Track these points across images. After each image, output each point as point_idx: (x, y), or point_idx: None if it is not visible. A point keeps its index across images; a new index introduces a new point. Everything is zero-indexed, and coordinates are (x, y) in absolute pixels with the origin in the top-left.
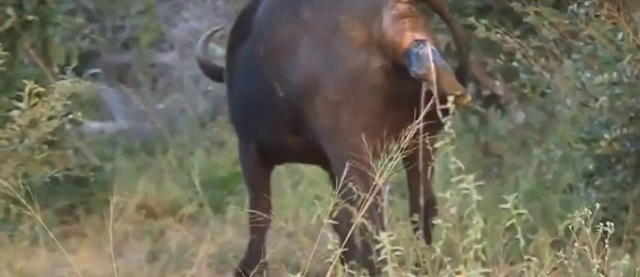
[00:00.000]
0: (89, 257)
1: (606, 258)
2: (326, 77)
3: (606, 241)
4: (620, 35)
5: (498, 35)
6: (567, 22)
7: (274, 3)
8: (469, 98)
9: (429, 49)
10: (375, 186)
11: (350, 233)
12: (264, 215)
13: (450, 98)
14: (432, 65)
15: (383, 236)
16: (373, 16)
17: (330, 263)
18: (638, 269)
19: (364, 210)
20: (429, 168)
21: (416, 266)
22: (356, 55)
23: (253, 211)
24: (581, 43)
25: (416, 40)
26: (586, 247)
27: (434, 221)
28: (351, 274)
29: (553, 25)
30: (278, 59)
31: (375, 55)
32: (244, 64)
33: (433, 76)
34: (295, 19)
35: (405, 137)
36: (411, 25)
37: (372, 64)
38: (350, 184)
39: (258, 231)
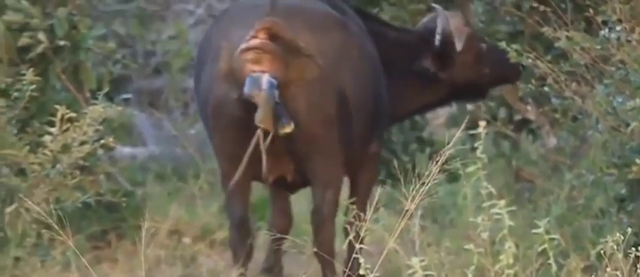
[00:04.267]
0: None
1: None
2: (208, 100)
3: (638, 266)
4: None
5: (530, 60)
6: (599, 47)
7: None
8: (287, 129)
9: (263, 78)
10: (406, 211)
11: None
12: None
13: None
14: (261, 91)
15: (415, 261)
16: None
17: None
18: None
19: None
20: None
21: None
22: (220, 85)
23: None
24: (613, 68)
25: (253, 71)
26: (618, 272)
27: (466, 247)
28: None
29: (584, 49)
30: (199, 78)
31: (233, 86)
32: None
33: (259, 99)
34: (208, 40)
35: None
36: (254, 58)
37: (231, 95)
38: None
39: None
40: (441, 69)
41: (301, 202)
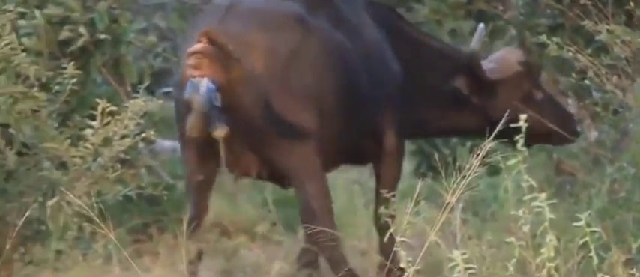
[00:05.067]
0: (163, 275)
1: None
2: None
3: None
4: None
5: (570, 53)
6: (639, 39)
7: None
8: (220, 133)
9: (201, 82)
10: (447, 204)
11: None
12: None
13: None
14: (199, 95)
15: (456, 254)
16: None
17: None
18: None
19: (436, 229)
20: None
21: None
22: (179, 89)
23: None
24: None
25: (193, 75)
26: None
27: (507, 240)
28: None
29: (625, 43)
30: None
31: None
32: None
33: (196, 103)
34: None
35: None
36: (195, 63)
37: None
38: None
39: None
40: (474, 94)
41: (342, 195)
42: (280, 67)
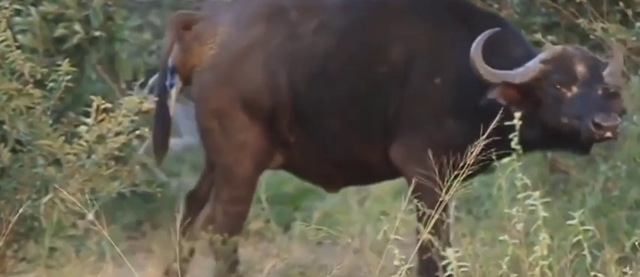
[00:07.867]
0: (156, 273)
1: None
2: None
3: None
4: None
5: None
6: (634, 38)
7: None
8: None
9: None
10: (441, 202)
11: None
12: None
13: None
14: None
15: (449, 252)
16: None
17: None
18: None
19: (430, 226)
20: None
21: None
22: None
23: None
24: None
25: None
26: None
27: (501, 238)
28: None
29: (620, 41)
30: None
31: None
32: None
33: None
34: None
35: None
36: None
37: None
38: None
39: None
40: (513, 104)
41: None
42: (226, 62)
